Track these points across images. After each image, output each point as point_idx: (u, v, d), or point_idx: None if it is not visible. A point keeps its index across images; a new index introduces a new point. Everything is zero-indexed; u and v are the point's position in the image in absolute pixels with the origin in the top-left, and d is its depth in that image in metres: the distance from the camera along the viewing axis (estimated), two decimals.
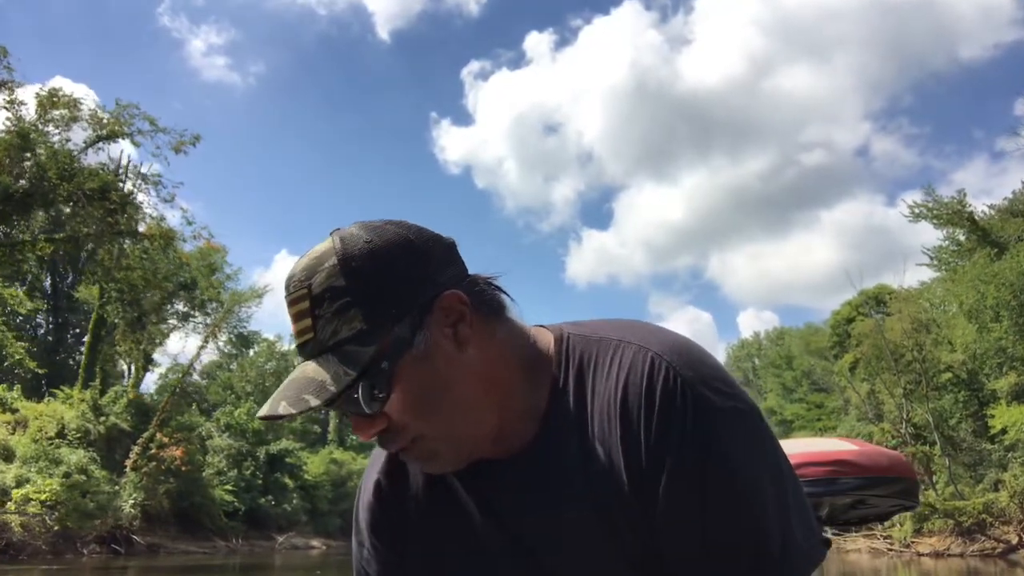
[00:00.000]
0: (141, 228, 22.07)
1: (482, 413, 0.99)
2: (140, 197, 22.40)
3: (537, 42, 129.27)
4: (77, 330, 42.15)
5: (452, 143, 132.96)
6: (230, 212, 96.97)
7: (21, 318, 41.69)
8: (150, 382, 39.63)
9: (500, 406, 1.00)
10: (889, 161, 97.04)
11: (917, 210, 27.12)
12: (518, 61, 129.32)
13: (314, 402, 0.91)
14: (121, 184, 21.28)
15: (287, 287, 0.98)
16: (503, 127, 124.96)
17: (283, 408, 0.92)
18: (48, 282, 41.97)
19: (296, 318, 0.96)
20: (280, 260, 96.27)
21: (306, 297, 0.95)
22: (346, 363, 0.92)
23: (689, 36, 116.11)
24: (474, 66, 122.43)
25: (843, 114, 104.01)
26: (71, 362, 40.21)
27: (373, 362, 0.92)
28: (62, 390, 28.03)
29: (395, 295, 0.95)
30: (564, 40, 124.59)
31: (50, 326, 42.88)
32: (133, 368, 33.89)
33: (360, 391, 0.92)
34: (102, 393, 27.92)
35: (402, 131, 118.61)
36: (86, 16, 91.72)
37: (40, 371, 26.60)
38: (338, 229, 1.00)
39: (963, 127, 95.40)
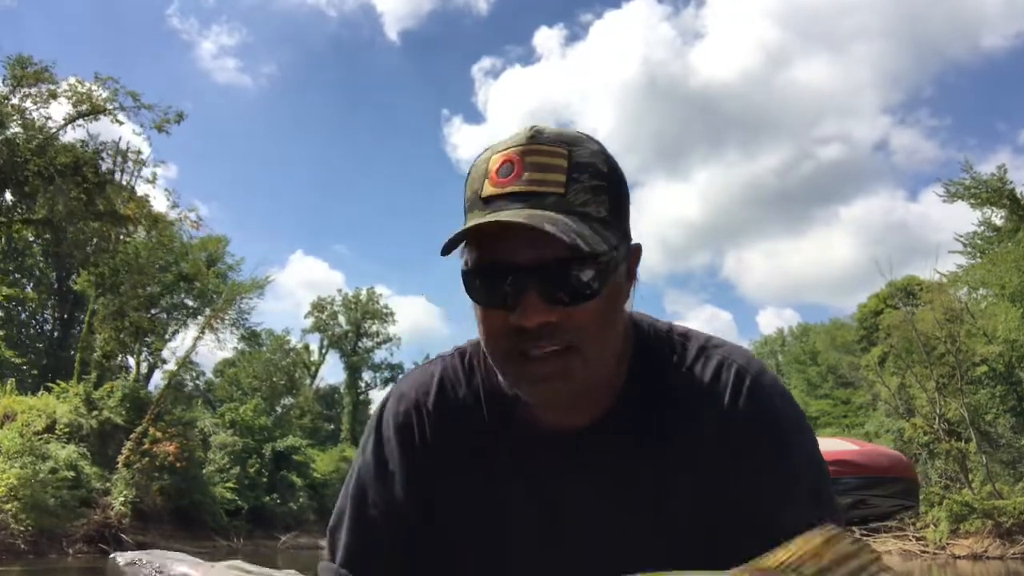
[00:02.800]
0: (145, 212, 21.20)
1: (614, 365, 1.00)
2: (130, 180, 21.42)
3: (547, 38, 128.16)
4: (84, 326, 41.63)
5: (465, 141, 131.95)
6: (245, 212, 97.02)
7: (26, 314, 41.40)
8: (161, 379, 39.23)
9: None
10: (909, 155, 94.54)
11: (953, 189, 25.54)
12: (528, 57, 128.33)
13: (584, 247, 0.88)
14: (101, 161, 20.19)
15: (527, 139, 0.96)
16: (515, 124, 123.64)
17: (551, 227, 0.87)
18: (54, 276, 41.47)
19: (539, 168, 0.93)
20: (295, 260, 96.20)
21: (564, 156, 0.95)
22: (596, 233, 0.91)
23: (702, 29, 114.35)
24: (485, 63, 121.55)
25: (861, 107, 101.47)
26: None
27: (611, 251, 0.93)
28: (57, 384, 27.25)
29: (627, 212, 1.00)
30: (574, 35, 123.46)
31: (56, 322, 42.37)
32: (134, 362, 33.22)
33: (587, 269, 0.91)
34: (97, 387, 27.06)
35: (414, 130, 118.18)
36: (97, 18, 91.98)
37: (16, 360, 25.73)
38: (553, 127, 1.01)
39: (986, 119, 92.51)
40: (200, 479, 29.22)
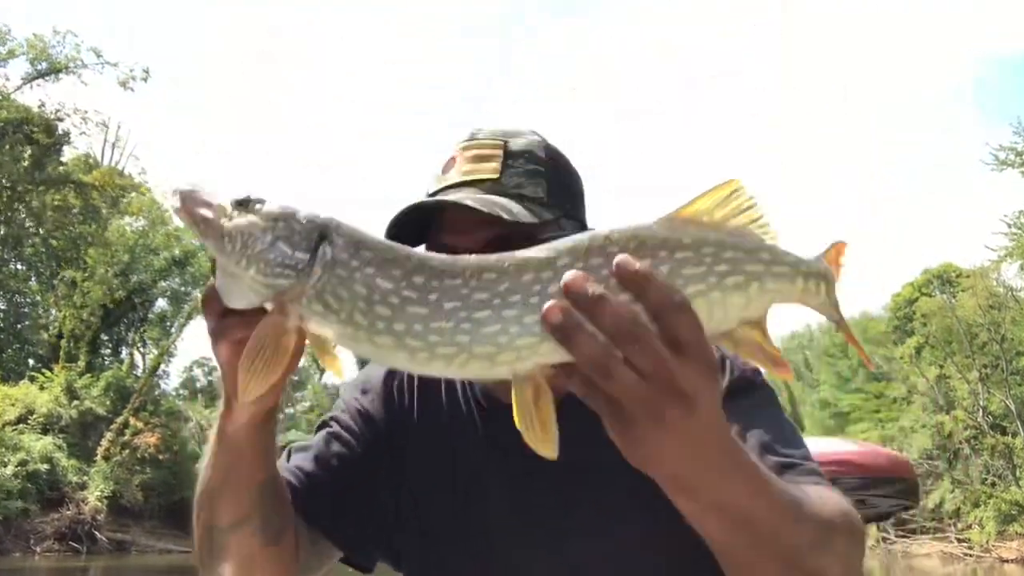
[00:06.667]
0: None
1: None
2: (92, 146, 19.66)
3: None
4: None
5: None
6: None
7: (27, 305, 40.31)
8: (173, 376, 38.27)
9: None
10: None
11: (1003, 155, 23.25)
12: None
13: (505, 216, 0.98)
14: (59, 122, 18.55)
15: (467, 137, 1.09)
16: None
17: (471, 202, 0.98)
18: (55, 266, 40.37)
19: (475, 160, 1.05)
20: None
21: (500, 147, 1.06)
22: (530, 211, 1.01)
23: (719, 16, 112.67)
24: None
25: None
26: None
27: (550, 226, 1.02)
28: (42, 373, 25.88)
29: (571, 196, 1.11)
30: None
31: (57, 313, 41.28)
32: (129, 352, 31.86)
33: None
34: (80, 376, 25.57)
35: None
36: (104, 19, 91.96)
37: None
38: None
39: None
40: (192, 474, 27.67)
